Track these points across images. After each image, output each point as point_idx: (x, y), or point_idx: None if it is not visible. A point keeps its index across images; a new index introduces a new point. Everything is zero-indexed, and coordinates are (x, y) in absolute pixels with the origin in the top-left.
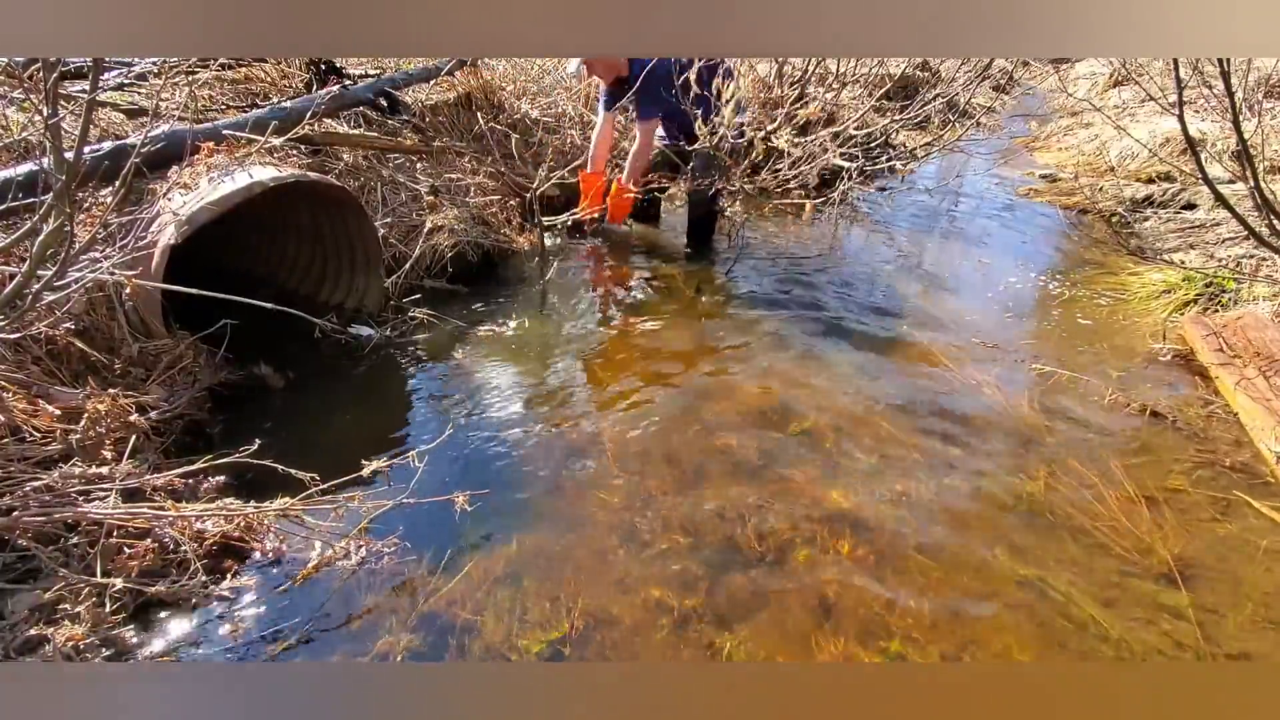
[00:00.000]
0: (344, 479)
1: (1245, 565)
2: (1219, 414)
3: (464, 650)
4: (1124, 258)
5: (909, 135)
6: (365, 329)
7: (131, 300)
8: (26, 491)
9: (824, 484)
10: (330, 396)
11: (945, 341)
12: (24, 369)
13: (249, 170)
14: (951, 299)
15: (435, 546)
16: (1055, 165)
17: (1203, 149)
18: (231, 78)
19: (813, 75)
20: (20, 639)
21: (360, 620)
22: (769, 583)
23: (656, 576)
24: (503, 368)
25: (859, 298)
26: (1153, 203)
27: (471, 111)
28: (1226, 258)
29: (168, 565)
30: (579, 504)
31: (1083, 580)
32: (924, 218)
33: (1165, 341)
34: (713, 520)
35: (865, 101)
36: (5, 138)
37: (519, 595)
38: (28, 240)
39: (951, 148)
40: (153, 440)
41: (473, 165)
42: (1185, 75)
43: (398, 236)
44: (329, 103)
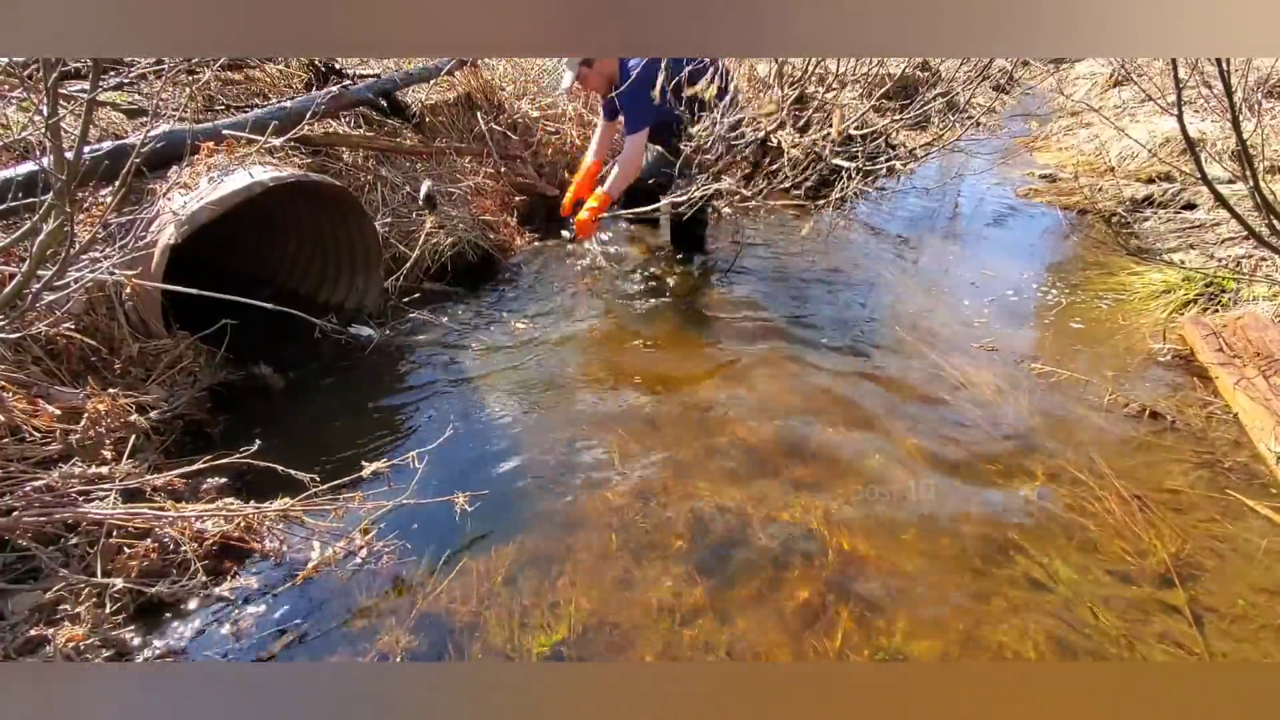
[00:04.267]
0: (344, 479)
1: (1244, 566)
2: (1219, 414)
3: (463, 651)
4: (1124, 258)
5: (909, 135)
6: (365, 329)
7: (131, 300)
8: (26, 491)
9: (824, 484)
10: (330, 397)
11: (943, 341)
12: (24, 369)
13: (249, 170)
14: (950, 299)
15: (435, 547)
16: (1055, 165)
17: (1202, 149)
18: (231, 78)
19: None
20: (20, 639)
21: (360, 620)
22: (769, 582)
23: (657, 576)
24: (503, 368)
25: (857, 297)
26: (1153, 203)
27: (471, 111)
28: (1226, 258)
29: (168, 565)
30: (579, 504)
31: (1082, 580)
32: (923, 218)
33: (1165, 342)
34: (713, 521)
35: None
36: (5, 138)
37: (519, 596)
38: (28, 240)
39: (951, 148)
40: (153, 440)
41: (473, 165)
42: (1184, 75)
43: (398, 236)
44: (329, 103)
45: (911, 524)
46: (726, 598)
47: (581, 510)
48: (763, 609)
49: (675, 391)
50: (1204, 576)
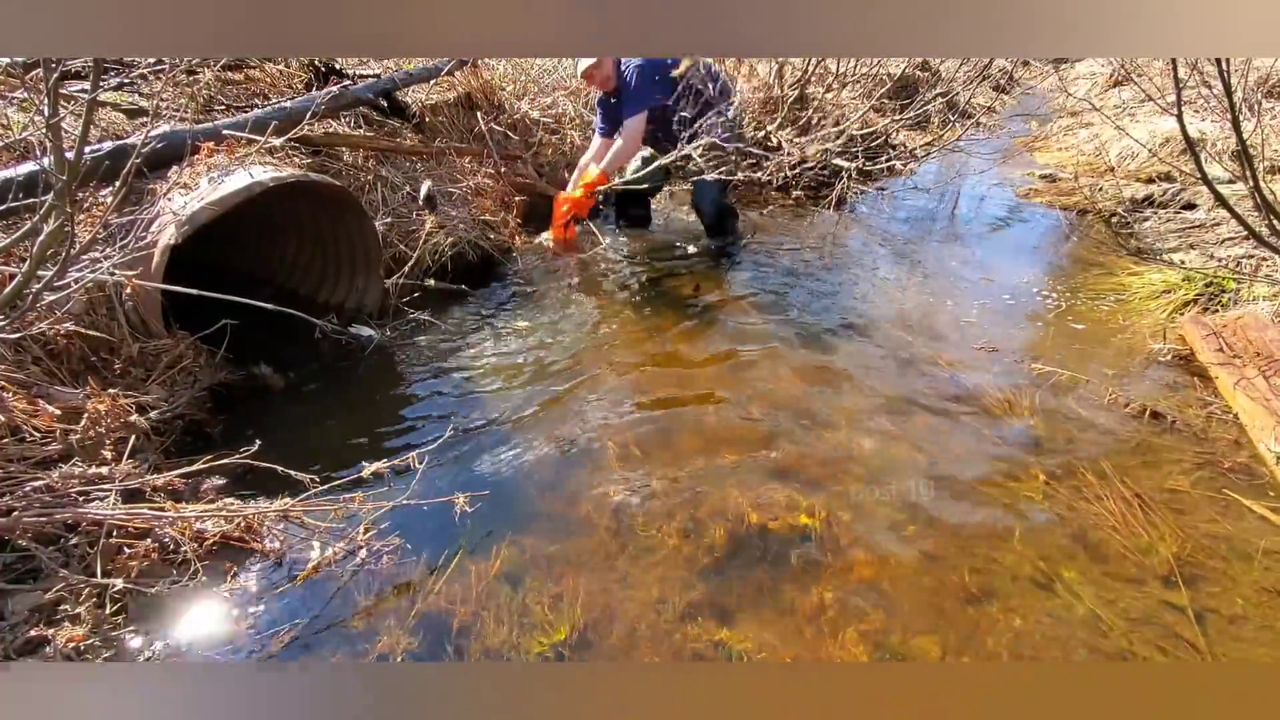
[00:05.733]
0: (344, 480)
1: (1244, 566)
2: (1219, 414)
3: (463, 651)
4: (1124, 258)
5: (909, 135)
6: (365, 329)
7: (131, 300)
8: (26, 491)
9: (824, 484)
10: (330, 397)
11: (944, 342)
12: (24, 369)
13: (249, 170)
14: (950, 300)
15: (435, 547)
16: (1055, 165)
17: (1202, 149)
18: (231, 78)
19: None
20: (20, 639)
21: (360, 620)
22: (769, 582)
23: (657, 577)
24: (503, 368)
25: (857, 297)
26: (1153, 203)
27: (471, 111)
28: (1226, 258)
29: (168, 565)
30: (579, 505)
31: (1082, 580)
32: (923, 218)
33: (1165, 342)
34: (715, 521)
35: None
36: (5, 138)
37: (518, 596)
38: (28, 240)
39: (951, 148)
40: (153, 440)
41: (473, 165)
42: (1184, 75)
43: (398, 236)
44: (329, 103)
45: (912, 523)
46: (727, 598)
47: (582, 510)
48: (763, 609)
49: (676, 391)
50: (1204, 576)
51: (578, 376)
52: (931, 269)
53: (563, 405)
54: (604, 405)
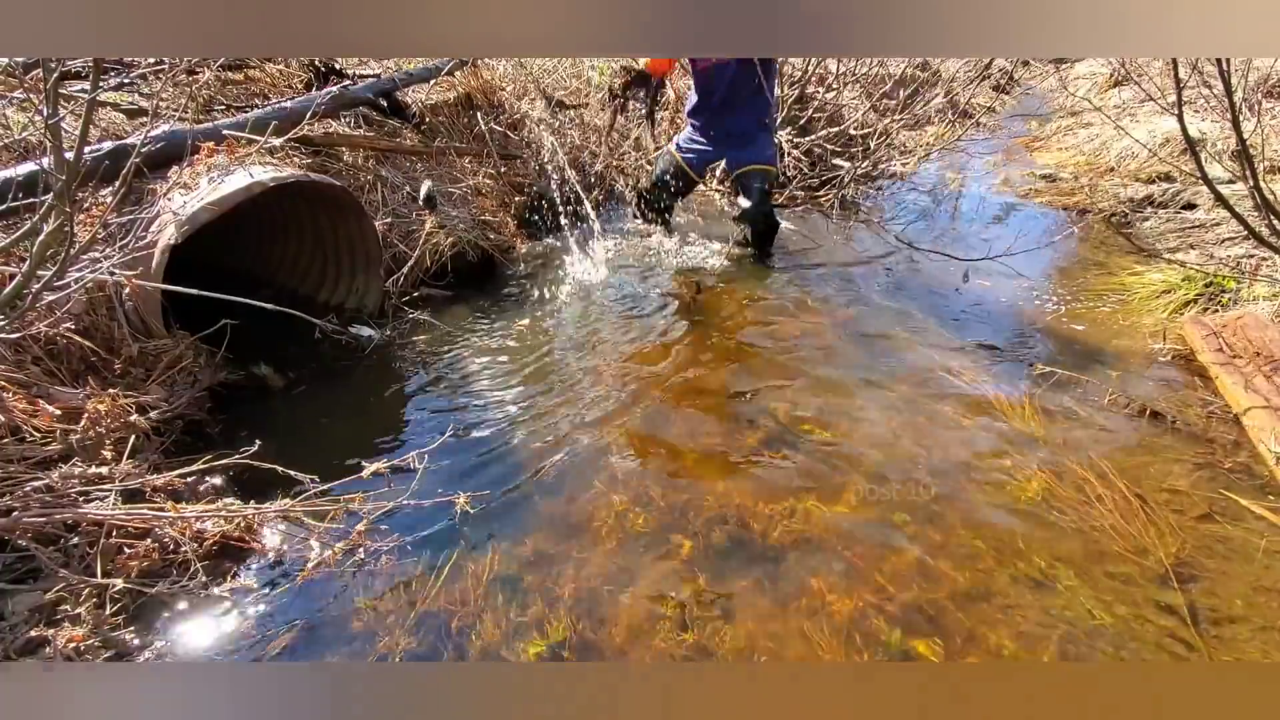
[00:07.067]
0: (344, 479)
1: (1244, 566)
2: (1219, 414)
3: (462, 651)
4: (1124, 258)
5: (909, 135)
6: (365, 329)
7: (131, 300)
8: (26, 492)
9: (824, 484)
10: (330, 397)
11: (943, 342)
12: (24, 369)
13: (249, 170)
14: (949, 299)
15: (435, 547)
16: (1055, 165)
17: (1202, 149)
18: (231, 78)
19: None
20: (20, 640)
21: (360, 620)
22: (770, 582)
23: (657, 576)
24: (503, 368)
25: (857, 298)
26: (1153, 203)
27: (471, 111)
28: (1226, 258)
29: (168, 565)
30: (579, 505)
31: (1082, 580)
32: (922, 218)
33: (1165, 342)
34: (715, 520)
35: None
36: (5, 138)
37: (518, 596)
38: (28, 240)
39: (951, 148)
40: (153, 440)
41: (473, 165)
42: (1184, 75)
43: (398, 236)
44: (329, 103)
45: (912, 523)
46: (726, 598)
47: (582, 511)
48: (763, 609)
49: (677, 390)
50: (1203, 576)
51: (578, 376)
52: (930, 268)
53: (563, 405)
54: (604, 405)
